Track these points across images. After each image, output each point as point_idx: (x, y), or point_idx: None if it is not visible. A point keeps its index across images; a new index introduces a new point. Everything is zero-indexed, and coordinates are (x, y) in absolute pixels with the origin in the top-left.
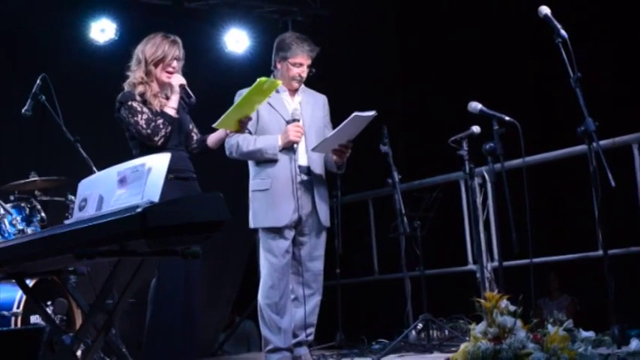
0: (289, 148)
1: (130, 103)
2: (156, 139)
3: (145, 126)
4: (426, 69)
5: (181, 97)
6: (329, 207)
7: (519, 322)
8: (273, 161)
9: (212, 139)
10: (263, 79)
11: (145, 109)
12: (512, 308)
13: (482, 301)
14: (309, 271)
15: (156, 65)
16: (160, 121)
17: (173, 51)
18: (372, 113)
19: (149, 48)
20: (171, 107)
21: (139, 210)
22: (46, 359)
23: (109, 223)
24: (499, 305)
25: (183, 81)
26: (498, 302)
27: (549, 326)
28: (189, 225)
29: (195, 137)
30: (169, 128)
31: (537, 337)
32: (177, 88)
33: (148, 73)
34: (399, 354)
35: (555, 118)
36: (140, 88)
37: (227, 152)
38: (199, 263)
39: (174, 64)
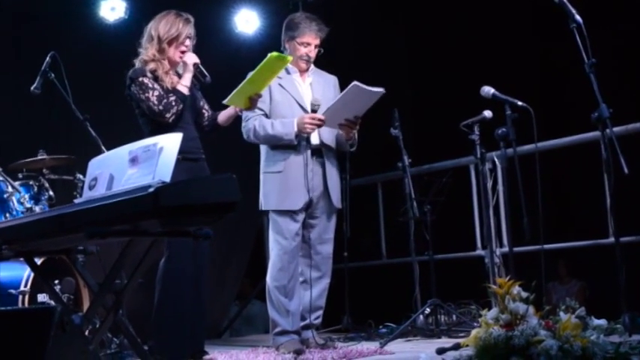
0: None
1: (140, 79)
2: (167, 115)
3: (156, 102)
4: (438, 52)
5: (195, 76)
6: (340, 189)
7: (531, 309)
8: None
9: (222, 116)
10: (274, 53)
11: (157, 86)
12: (524, 295)
13: (494, 287)
14: (318, 254)
15: (169, 44)
16: (173, 98)
17: (187, 30)
18: (378, 89)
19: (163, 26)
20: (183, 85)
21: (151, 190)
22: (57, 339)
23: (120, 203)
24: (511, 291)
25: (197, 60)
26: (510, 288)
27: (561, 313)
28: (202, 205)
29: (206, 114)
30: (181, 106)
31: (549, 324)
32: (191, 67)
33: (161, 50)
34: (407, 338)
35: (567, 104)
36: (152, 65)
37: (245, 136)
38: (208, 245)
39: (187, 42)
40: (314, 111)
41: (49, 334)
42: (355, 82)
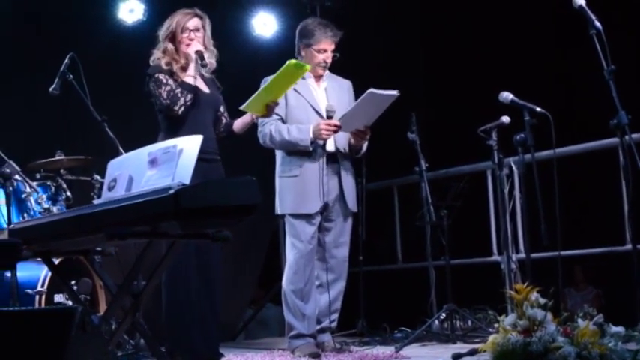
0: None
1: (156, 75)
2: (175, 107)
3: (165, 96)
4: (456, 57)
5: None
6: (356, 192)
7: (549, 315)
8: None
9: (238, 124)
10: (292, 61)
11: (170, 81)
12: (542, 301)
13: (512, 292)
14: (334, 258)
15: (172, 39)
16: (178, 89)
17: (185, 21)
18: (393, 92)
19: (165, 24)
20: (189, 75)
21: (171, 192)
22: (77, 339)
23: (140, 204)
24: (529, 297)
25: (199, 47)
26: (529, 294)
27: (579, 320)
28: (222, 208)
29: (224, 121)
30: (189, 96)
31: (567, 330)
32: (193, 56)
33: (164, 49)
34: (422, 343)
35: (586, 111)
36: (166, 61)
37: (261, 141)
38: (220, 249)
39: (191, 34)
40: (329, 117)
41: (69, 334)
42: (371, 89)
